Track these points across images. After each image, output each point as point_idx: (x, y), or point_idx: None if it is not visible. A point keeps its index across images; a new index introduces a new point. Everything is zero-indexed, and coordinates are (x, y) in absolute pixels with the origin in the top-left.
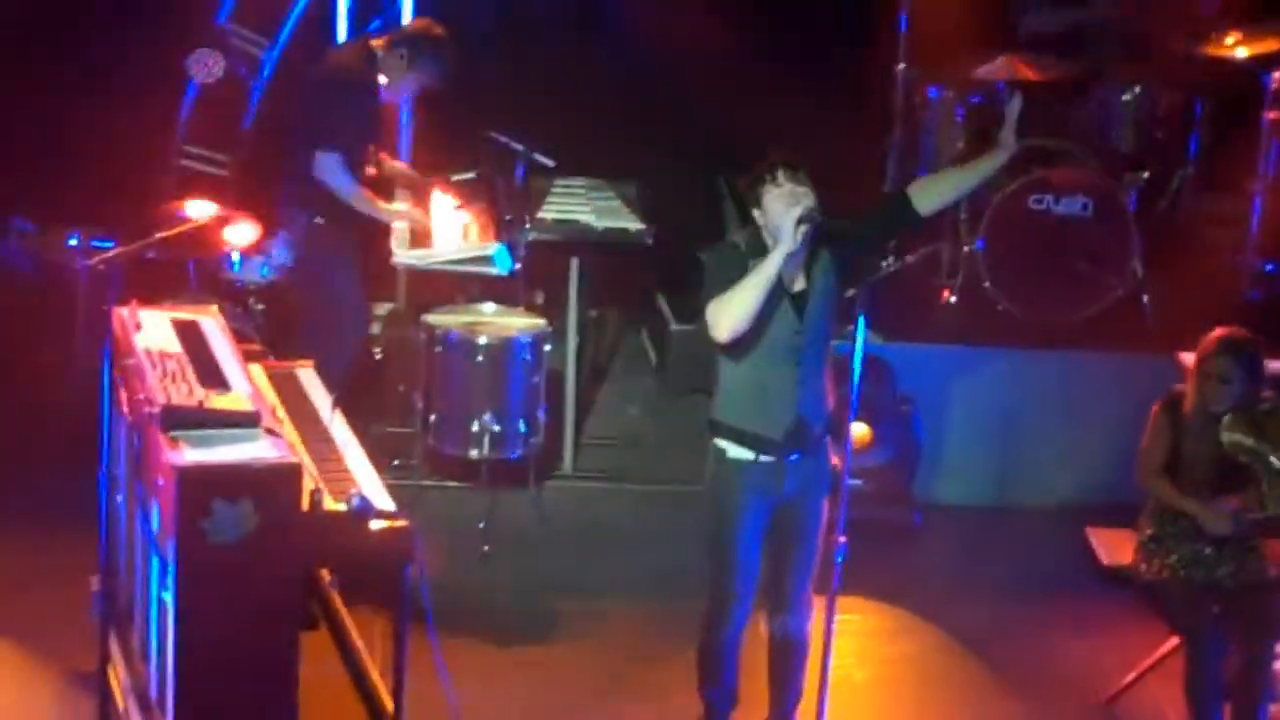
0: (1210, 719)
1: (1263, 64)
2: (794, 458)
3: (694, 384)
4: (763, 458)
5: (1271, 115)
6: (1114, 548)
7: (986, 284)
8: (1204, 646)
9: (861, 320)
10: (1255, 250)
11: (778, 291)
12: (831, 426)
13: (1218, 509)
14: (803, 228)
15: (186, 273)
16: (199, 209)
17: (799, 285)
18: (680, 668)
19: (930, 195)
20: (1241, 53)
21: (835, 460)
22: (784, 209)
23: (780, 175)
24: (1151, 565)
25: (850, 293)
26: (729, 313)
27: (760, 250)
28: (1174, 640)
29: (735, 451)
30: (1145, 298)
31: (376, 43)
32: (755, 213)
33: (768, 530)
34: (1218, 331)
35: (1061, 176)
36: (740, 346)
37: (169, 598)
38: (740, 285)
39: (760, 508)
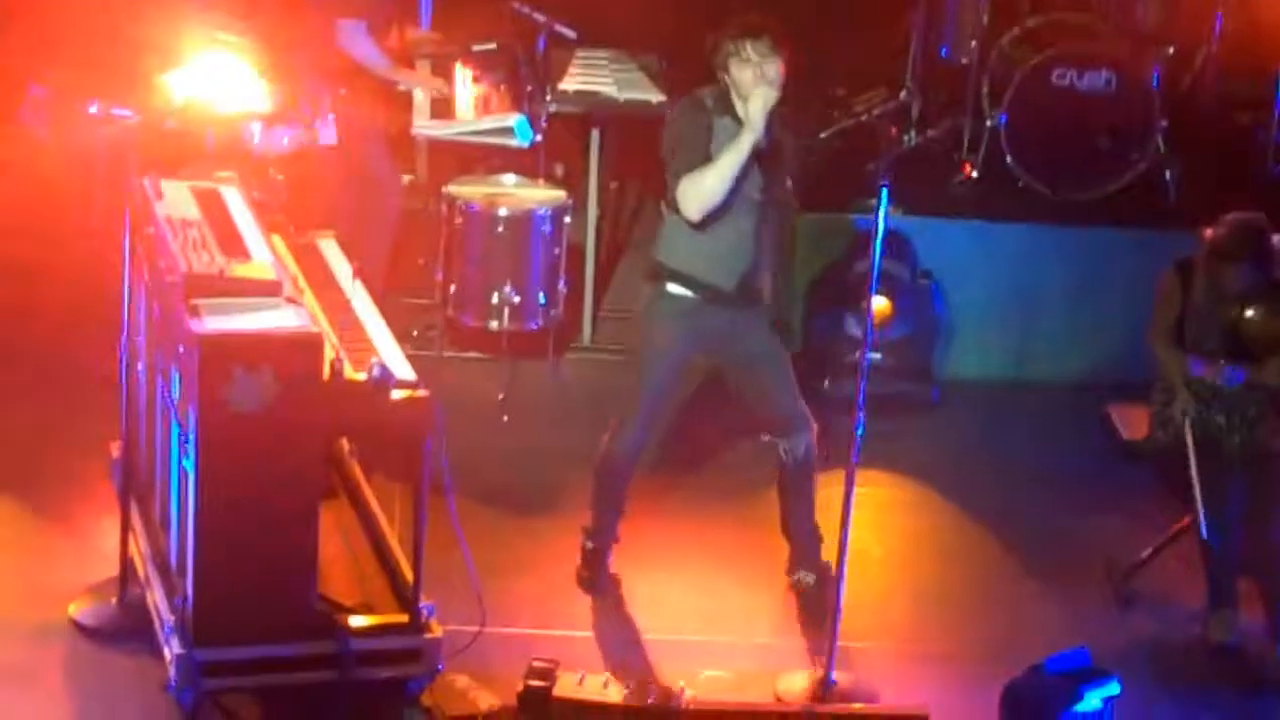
0: (1224, 580)
1: None
2: (730, 309)
3: None
4: (701, 300)
5: None
6: (1134, 423)
7: (1008, 159)
8: (1221, 501)
9: (884, 193)
10: (1278, 127)
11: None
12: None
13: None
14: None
15: (206, 141)
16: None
17: (764, 145)
18: (689, 529)
19: None
20: None
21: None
22: (751, 82)
23: (747, 47)
24: (1167, 430)
25: (872, 166)
26: (699, 194)
27: (726, 109)
28: (1188, 515)
29: (674, 288)
30: (1168, 174)
31: None
32: (721, 72)
33: (719, 372)
34: (1226, 224)
35: (1085, 51)
36: None
37: (190, 465)
38: (711, 167)
39: (689, 344)
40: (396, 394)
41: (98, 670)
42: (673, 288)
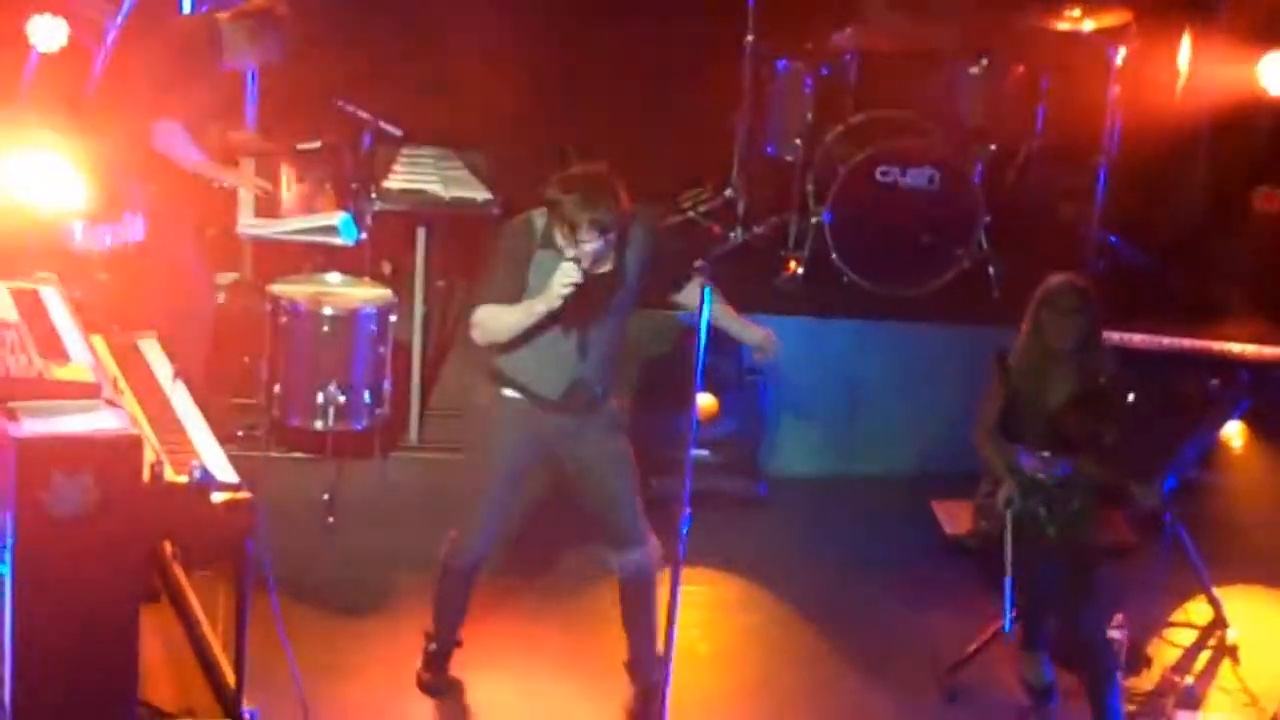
0: (1033, 620)
1: (1109, 38)
2: (572, 415)
3: None
4: (532, 403)
5: (1116, 89)
6: (957, 518)
7: (833, 255)
8: (1033, 586)
9: (707, 292)
10: (1100, 222)
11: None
12: (614, 387)
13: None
14: (568, 289)
15: (25, 241)
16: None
17: (601, 268)
18: (528, 633)
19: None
20: (1088, 26)
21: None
22: (563, 243)
23: (571, 206)
24: (989, 520)
25: (697, 263)
26: (489, 329)
27: (550, 242)
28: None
29: (507, 391)
30: (991, 270)
31: (221, 16)
32: (552, 214)
33: (553, 476)
34: (1056, 277)
35: (908, 148)
36: None
37: (6, 571)
38: (508, 310)
39: (524, 445)
40: (218, 496)
41: None
42: (507, 392)
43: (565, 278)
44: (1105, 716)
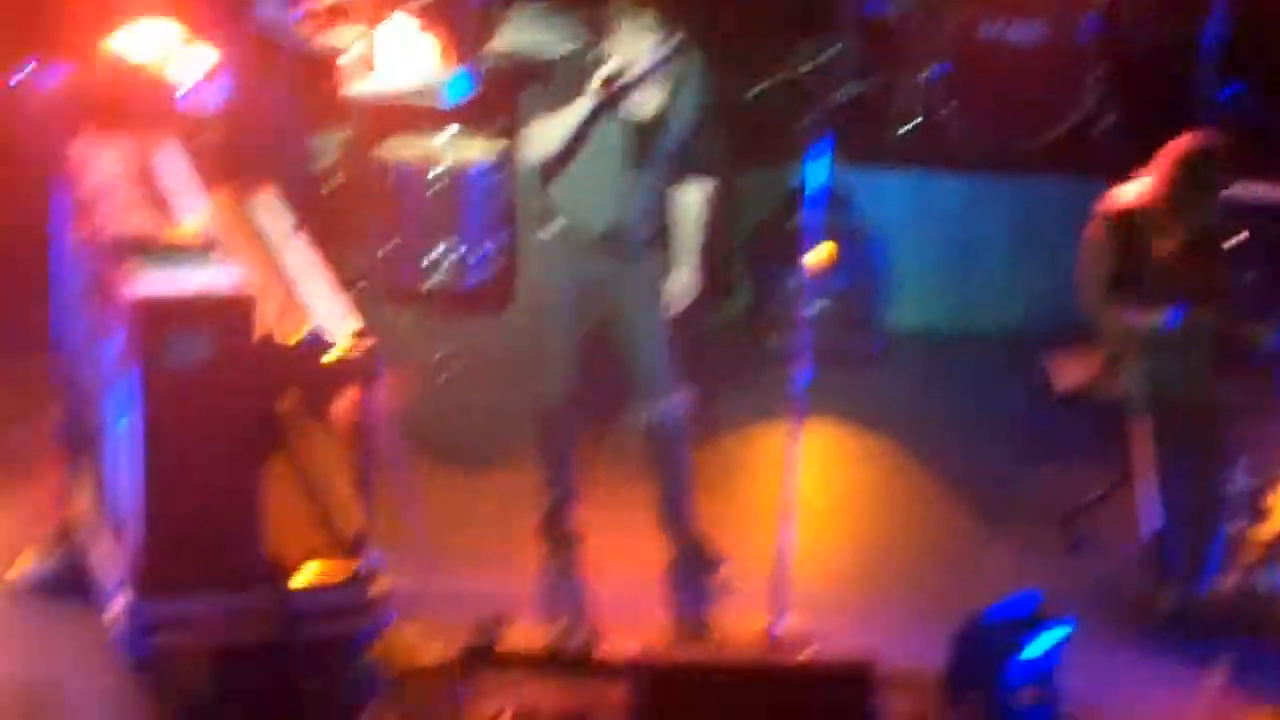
0: (1171, 539)
1: None
2: (607, 258)
3: None
4: (577, 244)
5: None
6: (1070, 371)
7: (944, 110)
8: (1163, 463)
9: (822, 147)
10: (1213, 73)
11: (615, 118)
12: (656, 240)
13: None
14: (614, 84)
15: (141, 101)
16: (154, 32)
17: (643, 111)
18: (641, 481)
19: None
20: None
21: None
22: (617, 48)
23: (624, 11)
24: (1113, 383)
25: (808, 119)
26: (536, 144)
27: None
28: (1132, 462)
29: (553, 231)
30: (1103, 122)
31: None
32: (608, 33)
33: (599, 320)
34: (1199, 140)
35: (1018, 1)
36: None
37: (131, 423)
38: (552, 119)
39: (572, 286)
40: (335, 349)
41: (44, 626)
42: (554, 227)
43: (606, 70)
44: (1208, 564)
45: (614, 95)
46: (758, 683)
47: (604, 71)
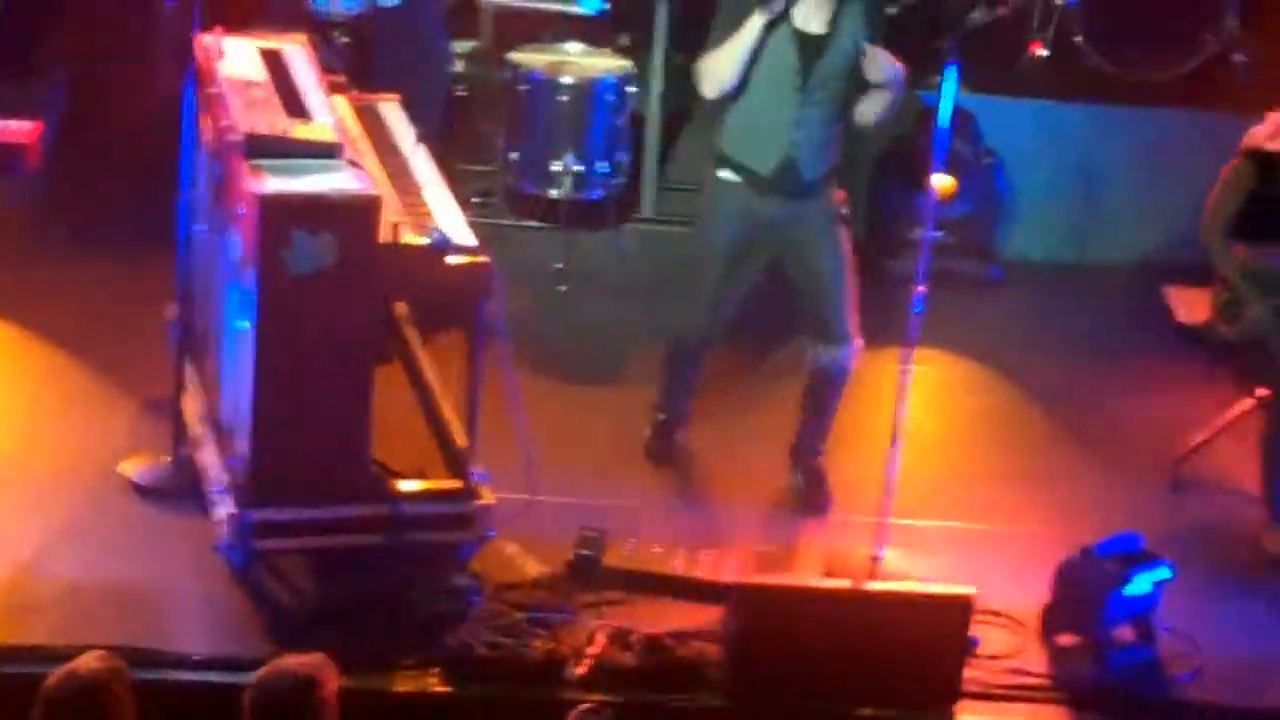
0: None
1: None
2: (779, 197)
3: None
4: (748, 186)
5: None
6: (1191, 306)
7: (1078, 38)
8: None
9: (951, 71)
10: None
11: (786, 31)
12: (832, 177)
13: None
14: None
15: (271, 2)
16: None
17: (814, 28)
18: (750, 409)
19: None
20: None
21: (840, 199)
22: None
23: None
24: (1232, 324)
25: (940, 44)
26: (712, 72)
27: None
28: (1247, 401)
29: (724, 173)
30: (1239, 56)
31: None
32: None
33: (772, 261)
34: None
35: None
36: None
37: (247, 326)
38: (724, 46)
39: (741, 230)
40: (454, 259)
41: (150, 528)
42: (721, 173)
43: None
44: None
45: (779, 9)
46: (857, 610)
47: None
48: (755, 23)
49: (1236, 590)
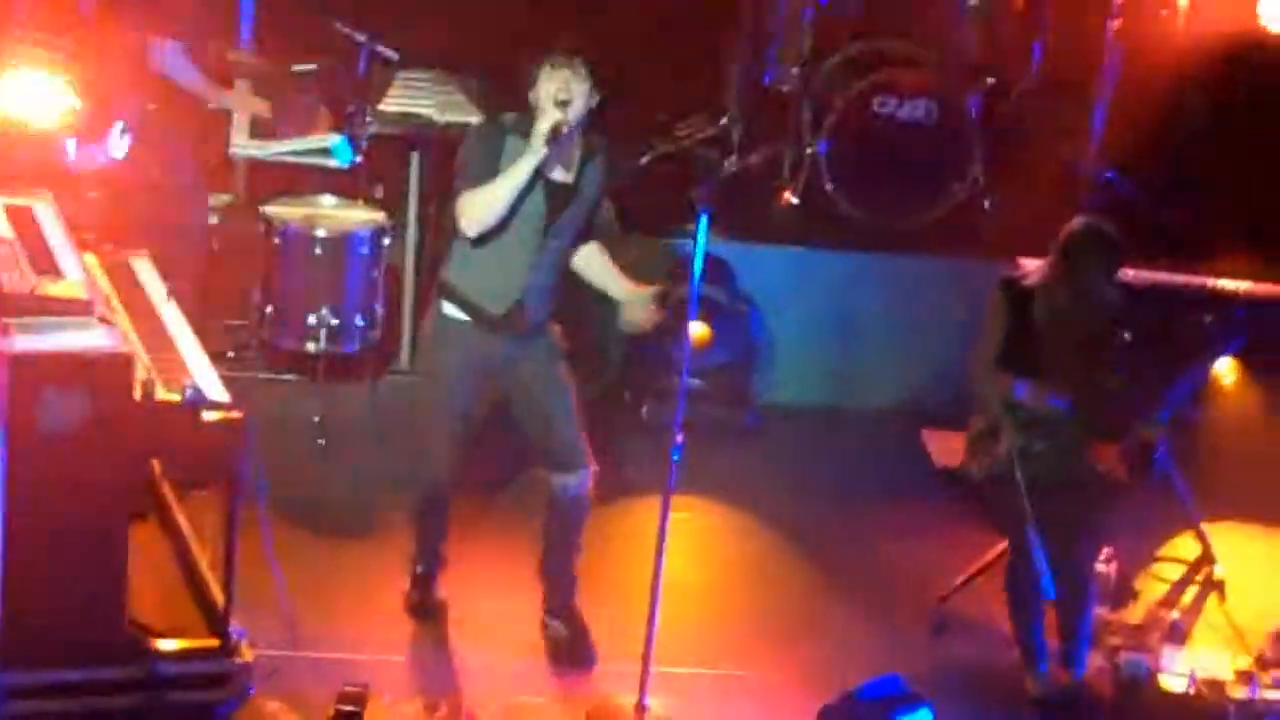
0: (1029, 623)
1: None
2: (505, 336)
3: None
4: (475, 323)
5: (1116, 23)
6: (948, 450)
7: (828, 186)
8: (1025, 546)
9: (703, 219)
10: (1097, 158)
11: (534, 179)
12: (553, 315)
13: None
14: (560, 131)
15: (18, 157)
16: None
17: (560, 177)
18: (518, 555)
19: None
20: None
21: (558, 334)
22: (545, 101)
23: (555, 61)
24: (981, 462)
25: (692, 191)
26: (476, 210)
27: (525, 133)
28: (1003, 542)
29: (450, 309)
30: (986, 203)
31: None
32: (530, 94)
33: (503, 400)
34: (1089, 224)
35: (906, 80)
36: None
37: None
38: (492, 184)
39: (471, 366)
40: (209, 415)
41: None
42: (448, 308)
43: (547, 122)
44: (1075, 648)
45: (554, 152)
46: None
47: (545, 124)
48: (528, 163)
49: None
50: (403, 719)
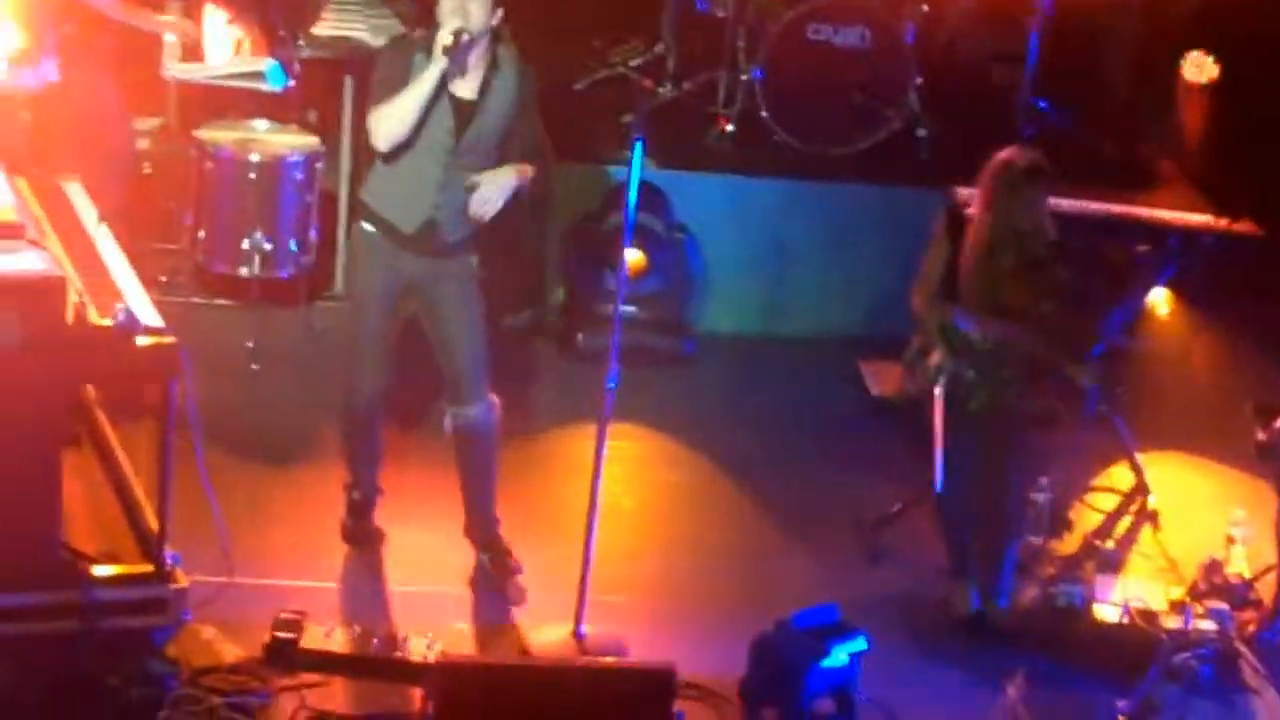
0: (956, 539)
1: None
2: (419, 254)
3: None
4: (389, 240)
5: None
6: (884, 378)
7: (763, 113)
8: (955, 467)
9: (638, 146)
10: (1030, 87)
11: (440, 92)
12: (471, 240)
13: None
14: (460, 43)
15: None
16: None
17: (465, 93)
18: (444, 484)
19: None
20: None
21: (475, 262)
22: (449, 14)
23: None
24: (914, 378)
25: (627, 118)
26: (386, 123)
27: (428, 47)
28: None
29: (368, 226)
30: (921, 131)
31: None
32: (436, 10)
33: (415, 317)
34: (1018, 153)
35: (841, 6)
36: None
37: None
38: (399, 96)
39: (386, 282)
40: (142, 340)
41: None
42: (366, 225)
43: (446, 30)
44: (998, 576)
45: (456, 63)
46: (558, 687)
47: (446, 33)
48: (432, 73)
49: (932, 659)
50: (338, 646)
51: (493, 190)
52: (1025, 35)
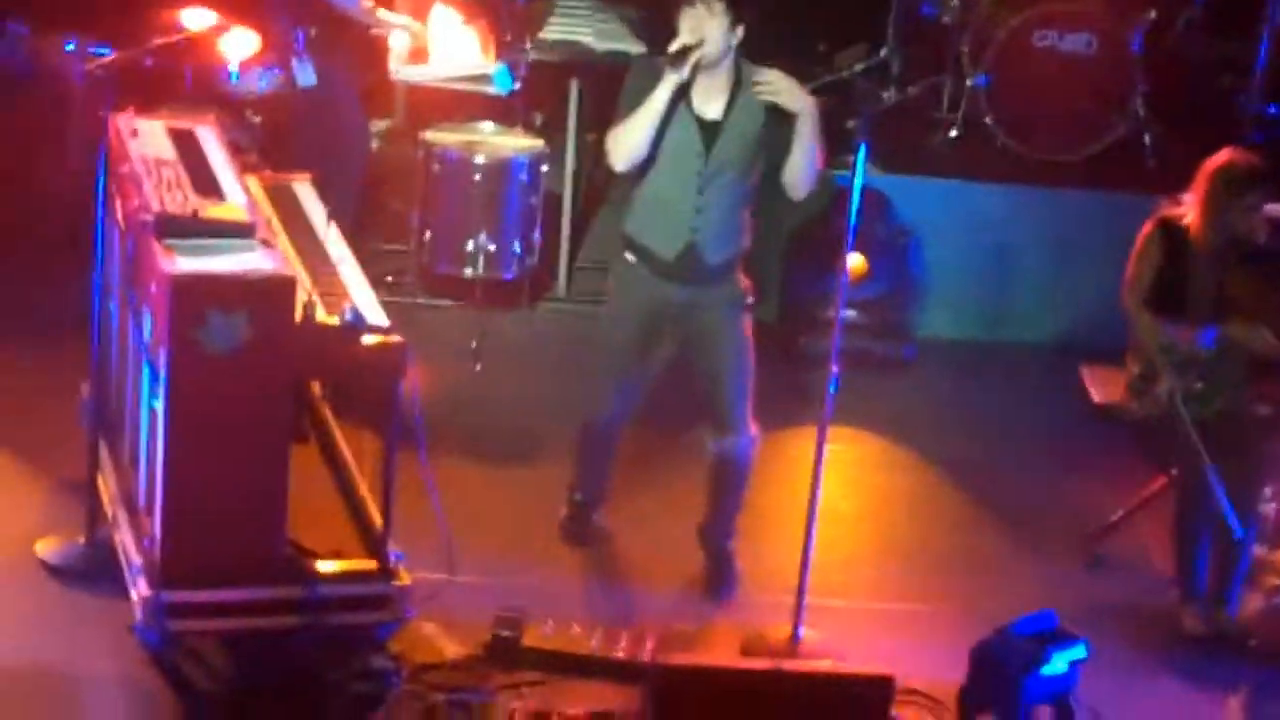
0: (1194, 560)
1: None
2: (681, 283)
3: None
4: (651, 270)
5: None
6: (1106, 385)
7: (988, 119)
8: (1204, 486)
9: (861, 150)
10: (1259, 94)
11: (686, 115)
12: (736, 263)
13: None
14: (689, 57)
15: (183, 81)
16: (197, 16)
17: (711, 113)
18: (666, 489)
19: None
20: None
21: (746, 287)
22: (685, 34)
23: (694, 2)
24: (1142, 402)
25: (851, 123)
26: (621, 143)
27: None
28: (1161, 480)
29: (630, 256)
30: (1146, 138)
31: None
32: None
33: (679, 348)
34: (1238, 156)
35: (1067, 12)
36: (643, 164)
37: (160, 406)
38: (634, 116)
39: (647, 314)
40: (368, 339)
41: (64, 610)
42: (628, 256)
43: (679, 42)
44: (1232, 587)
45: (689, 79)
46: (774, 691)
47: (677, 44)
48: (664, 89)
49: (1152, 669)
50: (558, 644)
51: (786, 81)
52: (1254, 41)
